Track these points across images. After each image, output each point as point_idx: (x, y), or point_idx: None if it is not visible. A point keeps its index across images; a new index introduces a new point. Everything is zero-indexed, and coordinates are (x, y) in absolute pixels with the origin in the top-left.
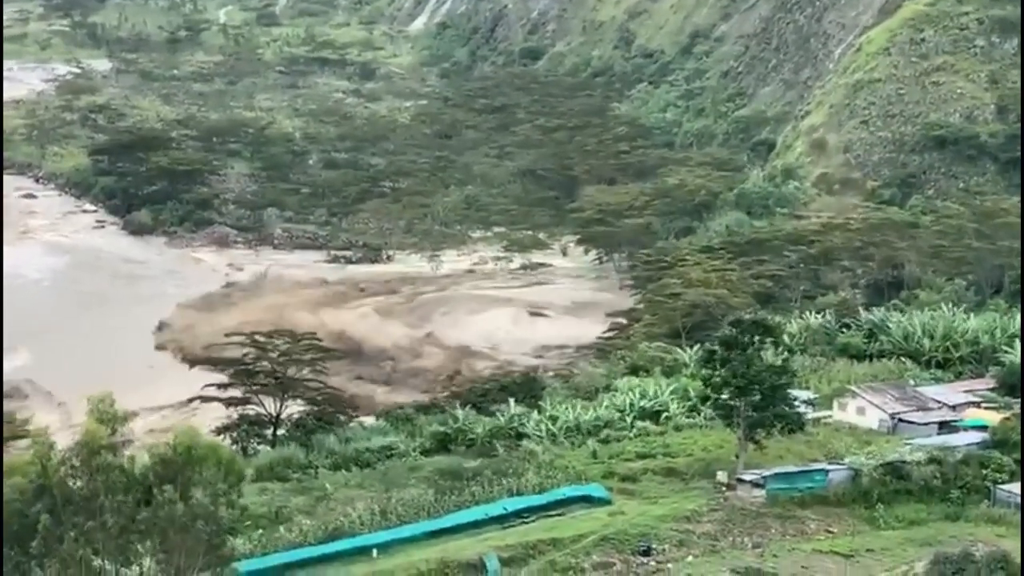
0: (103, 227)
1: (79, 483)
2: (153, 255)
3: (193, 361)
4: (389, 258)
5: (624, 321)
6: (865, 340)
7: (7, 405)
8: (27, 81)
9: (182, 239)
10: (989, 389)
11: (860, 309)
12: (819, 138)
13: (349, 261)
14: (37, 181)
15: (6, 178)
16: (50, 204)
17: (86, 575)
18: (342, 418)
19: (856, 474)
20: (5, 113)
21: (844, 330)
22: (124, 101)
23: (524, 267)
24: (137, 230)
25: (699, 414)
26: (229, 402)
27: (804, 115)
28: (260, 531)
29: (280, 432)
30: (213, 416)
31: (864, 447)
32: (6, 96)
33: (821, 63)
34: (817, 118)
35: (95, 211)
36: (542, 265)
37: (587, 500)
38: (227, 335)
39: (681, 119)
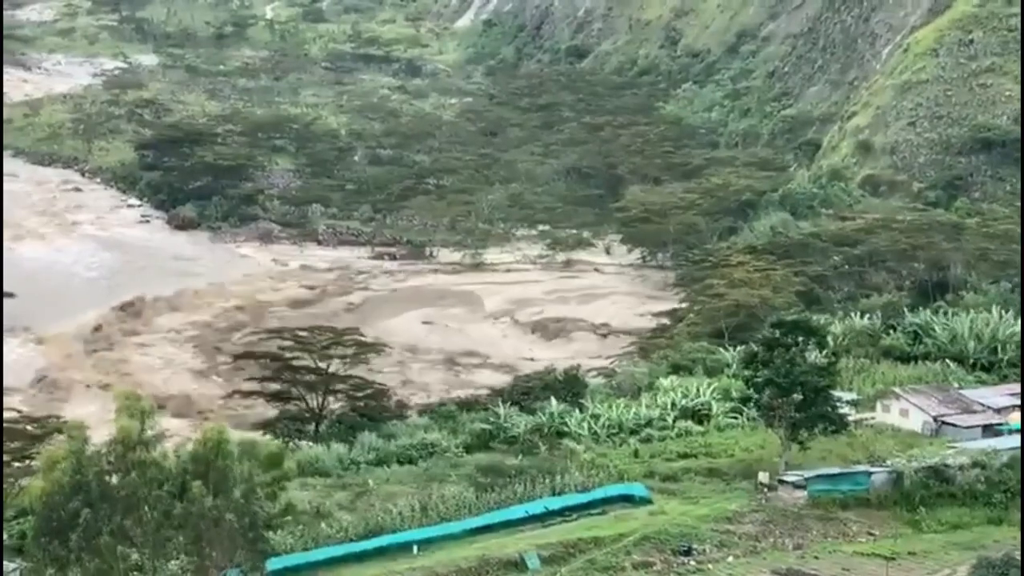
0: (148, 222)
1: (115, 478)
2: (202, 250)
3: (236, 355)
4: (432, 255)
5: (667, 321)
6: (910, 342)
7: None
8: (74, 75)
9: (226, 234)
10: None
11: (905, 311)
12: (865, 139)
13: (393, 258)
14: (83, 175)
15: (53, 171)
16: (96, 198)
17: (124, 569)
18: (385, 414)
19: (899, 477)
20: (53, 107)
21: (889, 332)
22: (170, 96)
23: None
24: (182, 225)
25: (741, 414)
26: (271, 397)
27: (850, 116)
28: (301, 526)
29: (322, 428)
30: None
31: (907, 449)
32: (54, 90)
33: (868, 64)
34: (863, 119)
35: (140, 205)
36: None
37: (628, 499)
38: (269, 331)
39: (726, 119)
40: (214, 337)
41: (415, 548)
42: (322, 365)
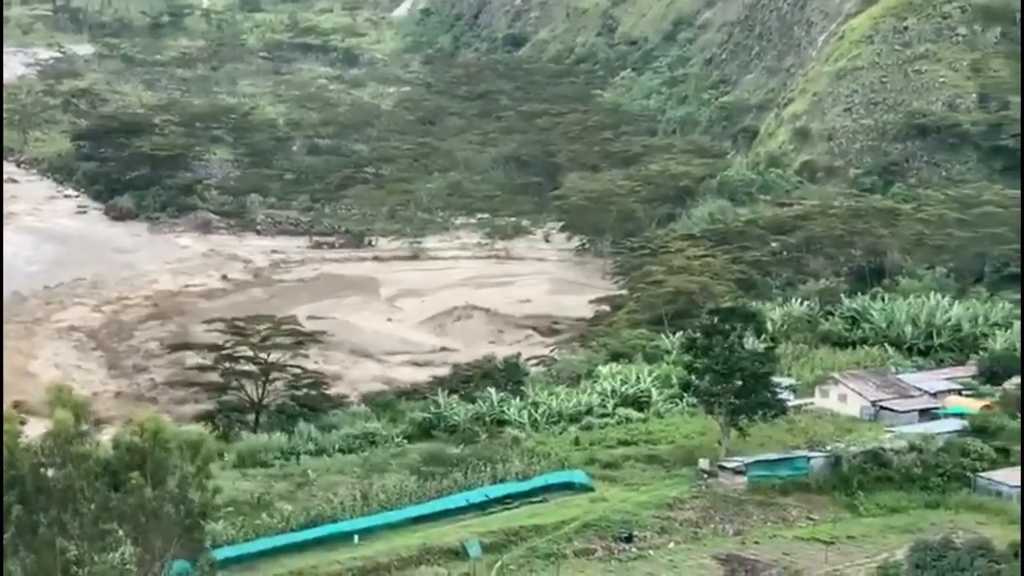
0: (86, 212)
1: (51, 471)
2: (137, 240)
3: (173, 346)
4: (371, 244)
5: (606, 308)
6: (847, 327)
7: None
8: (8, 65)
9: (165, 224)
10: (970, 376)
11: (842, 297)
12: (802, 126)
13: (332, 247)
14: (19, 166)
15: None
16: (32, 189)
17: (62, 562)
18: (325, 404)
19: (837, 461)
20: None
21: (826, 317)
22: (107, 86)
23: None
24: (119, 215)
25: (681, 401)
26: (209, 387)
27: (787, 103)
28: (242, 517)
29: (262, 418)
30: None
31: (845, 434)
32: None
33: (804, 51)
34: (800, 106)
35: (77, 196)
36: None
37: (569, 487)
38: (207, 321)
39: (664, 106)
40: (125, 331)
41: (356, 537)
42: (261, 355)
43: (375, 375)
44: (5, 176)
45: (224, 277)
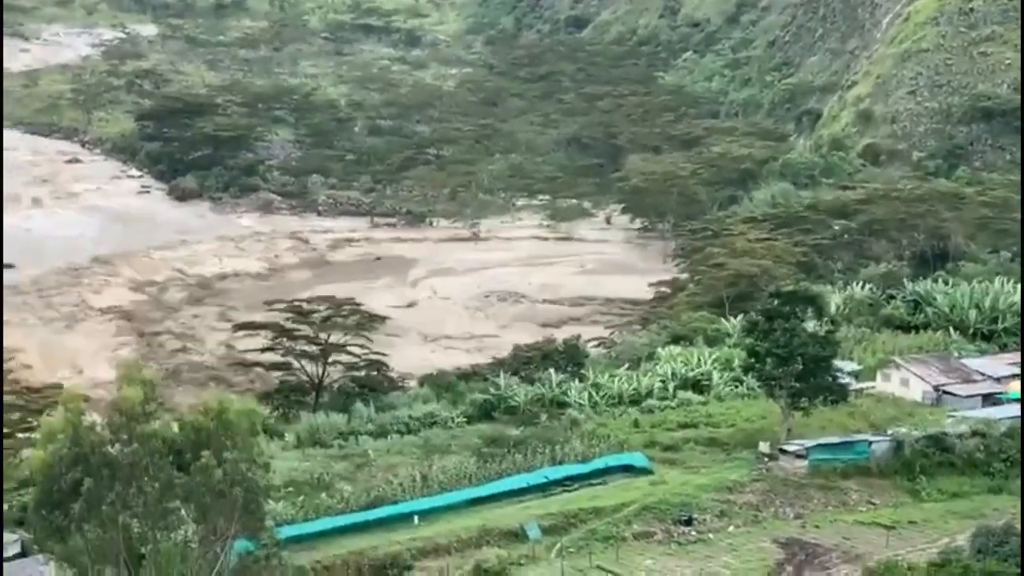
0: (149, 192)
1: (117, 449)
2: (199, 221)
3: (237, 326)
4: (432, 225)
5: (667, 291)
6: (910, 312)
7: None
8: (73, 46)
9: (227, 204)
10: None
11: (905, 280)
12: (865, 108)
13: (392, 228)
14: (83, 146)
15: (53, 142)
16: (96, 169)
17: (125, 539)
18: (384, 385)
19: (899, 446)
20: (52, 78)
21: (888, 301)
22: (170, 67)
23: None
24: (182, 195)
25: (742, 384)
26: (270, 367)
27: (851, 85)
28: (302, 497)
29: (322, 399)
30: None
31: (907, 419)
32: (53, 61)
33: (868, 33)
34: (864, 88)
35: (140, 176)
36: None
37: (629, 469)
38: (267, 302)
39: (727, 88)
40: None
41: (416, 519)
42: (322, 335)
43: (429, 357)
44: (70, 154)
45: (276, 257)
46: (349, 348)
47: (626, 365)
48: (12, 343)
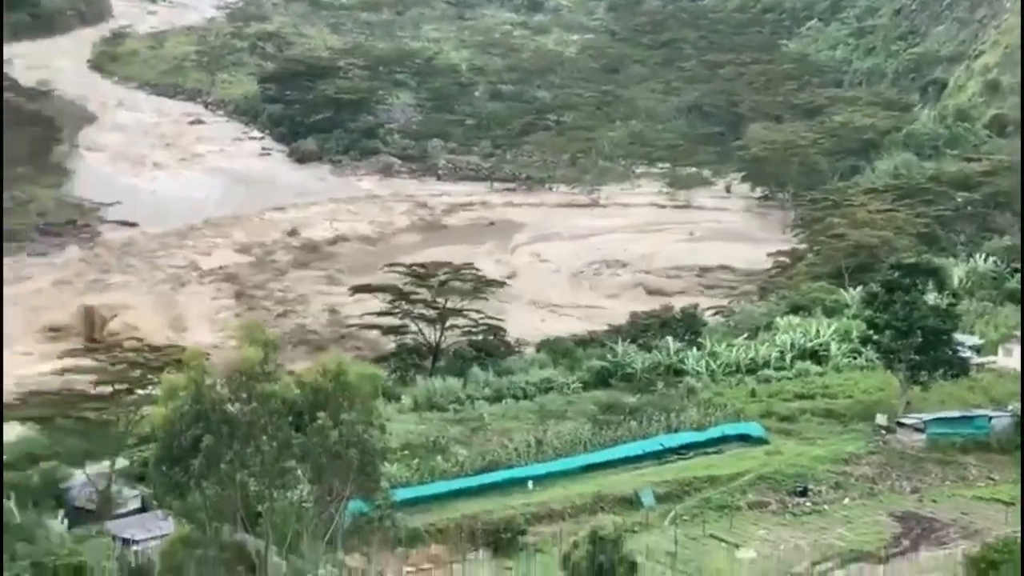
0: (269, 154)
1: (236, 408)
2: (319, 183)
3: (355, 288)
4: (551, 191)
5: (786, 260)
6: None
7: None
8: (199, 8)
9: (347, 167)
10: None
11: None
12: (993, 79)
13: (511, 193)
14: (207, 107)
15: (177, 103)
16: (218, 130)
17: (242, 497)
18: (501, 350)
19: (1020, 421)
20: (177, 39)
21: (1012, 275)
22: (293, 29)
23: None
24: (302, 158)
25: (860, 356)
26: (387, 330)
27: (978, 55)
28: (417, 460)
29: (439, 363)
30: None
31: None
32: (178, 22)
33: (997, 1)
34: (991, 58)
35: (262, 138)
36: None
37: (744, 439)
38: (387, 265)
39: (851, 57)
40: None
41: (530, 484)
42: (439, 300)
43: (540, 324)
44: (193, 116)
45: (388, 220)
46: (466, 312)
47: (744, 334)
48: (122, 301)
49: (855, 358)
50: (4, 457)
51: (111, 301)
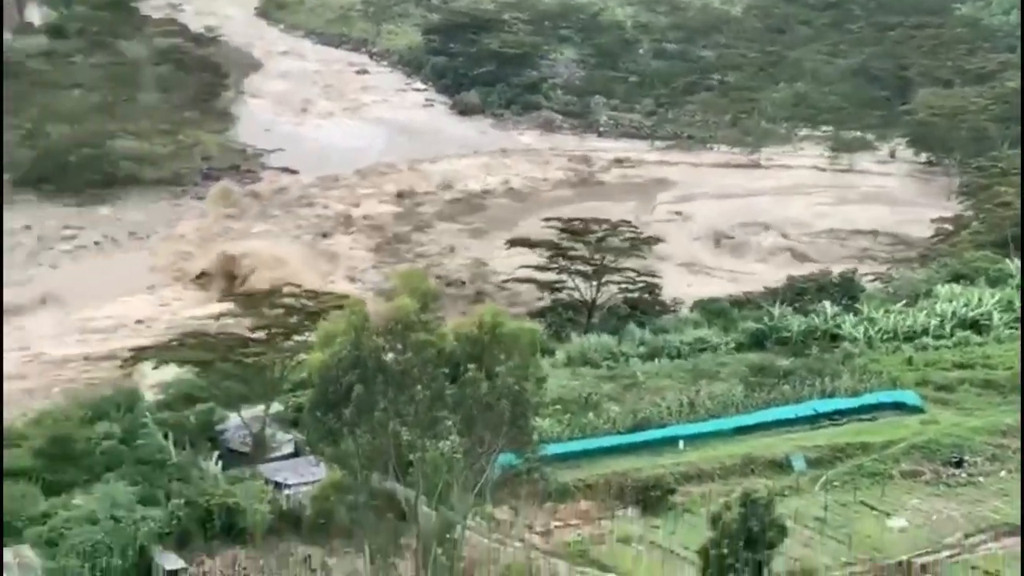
0: (432, 106)
1: (391, 356)
2: (480, 137)
3: (512, 242)
4: (711, 151)
5: (949, 228)
6: None
7: None
8: None
9: (508, 121)
10: None
11: None
12: None
13: (670, 151)
14: (371, 57)
15: (342, 52)
16: (382, 80)
17: (395, 446)
18: (657, 308)
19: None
20: None
21: None
22: None
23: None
24: (464, 111)
25: None
26: (544, 285)
27: None
28: (569, 415)
29: (593, 319)
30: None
31: None
32: None
33: None
34: None
35: (425, 89)
36: None
37: (899, 407)
38: (546, 219)
39: None
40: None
41: (681, 443)
42: (595, 255)
43: (688, 286)
44: (358, 65)
45: (541, 176)
46: (623, 269)
47: (902, 301)
48: (266, 248)
49: (1017, 329)
50: (160, 398)
51: (255, 248)
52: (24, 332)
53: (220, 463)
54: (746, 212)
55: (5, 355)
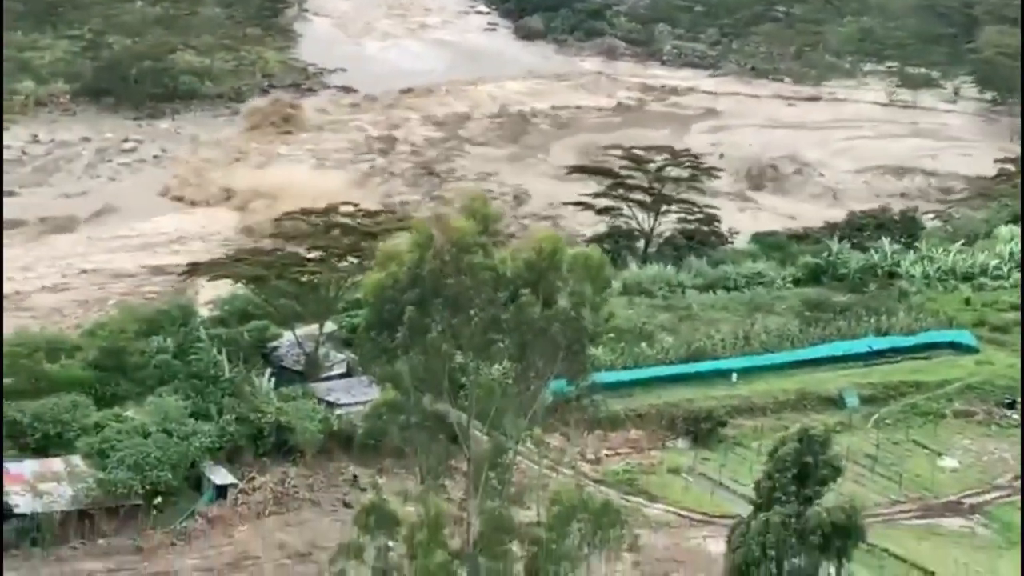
0: (494, 30)
1: (448, 279)
2: (542, 62)
3: (572, 168)
4: (774, 82)
5: (1012, 168)
6: None
7: None
8: None
9: (571, 48)
10: None
11: None
12: None
13: (731, 82)
14: None
15: None
16: (445, 2)
17: (448, 368)
18: (714, 239)
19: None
20: None
21: None
22: None
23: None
24: (527, 35)
25: None
26: (601, 211)
27: None
28: (623, 344)
29: (651, 249)
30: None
31: None
32: None
33: None
34: None
35: (488, 13)
36: None
37: (954, 347)
38: (604, 147)
39: None
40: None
41: (734, 376)
42: (655, 185)
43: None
44: None
45: (592, 103)
46: (681, 199)
47: (962, 241)
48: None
49: None
50: (214, 314)
51: (290, 174)
52: (80, 244)
53: (273, 380)
54: (798, 144)
55: (61, 264)
